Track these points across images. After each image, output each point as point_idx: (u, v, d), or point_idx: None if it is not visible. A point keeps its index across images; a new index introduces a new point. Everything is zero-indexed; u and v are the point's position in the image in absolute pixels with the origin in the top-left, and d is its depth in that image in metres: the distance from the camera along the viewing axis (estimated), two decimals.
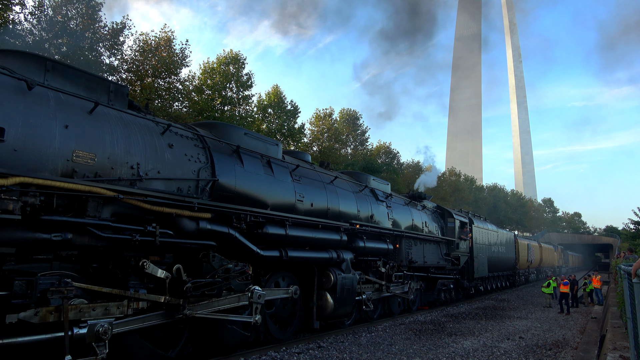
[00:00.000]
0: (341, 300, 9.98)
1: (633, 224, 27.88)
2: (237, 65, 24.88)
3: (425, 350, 9.12)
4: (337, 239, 10.16)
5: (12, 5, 15.76)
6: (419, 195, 18.19)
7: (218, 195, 7.42)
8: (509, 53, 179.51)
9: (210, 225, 6.96)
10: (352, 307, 10.61)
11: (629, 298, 5.61)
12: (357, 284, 10.75)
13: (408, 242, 14.51)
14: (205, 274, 6.83)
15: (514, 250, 29.61)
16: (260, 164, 8.61)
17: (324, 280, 9.87)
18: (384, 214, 13.36)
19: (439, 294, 17.21)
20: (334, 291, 9.79)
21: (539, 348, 9.91)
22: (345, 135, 34.64)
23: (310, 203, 9.74)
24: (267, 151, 9.15)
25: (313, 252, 9.50)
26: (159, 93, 20.97)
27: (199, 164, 7.25)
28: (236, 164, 7.99)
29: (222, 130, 8.50)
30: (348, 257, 10.47)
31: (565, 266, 55.61)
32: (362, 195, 12.43)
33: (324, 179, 10.86)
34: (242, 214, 7.60)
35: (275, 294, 8.63)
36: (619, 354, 6.50)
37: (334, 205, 10.66)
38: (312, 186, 10.05)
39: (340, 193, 11.22)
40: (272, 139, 9.98)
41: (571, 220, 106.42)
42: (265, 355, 8.05)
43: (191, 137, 7.44)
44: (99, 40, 18.70)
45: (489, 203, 63.16)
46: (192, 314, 6.46)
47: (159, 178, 6.48)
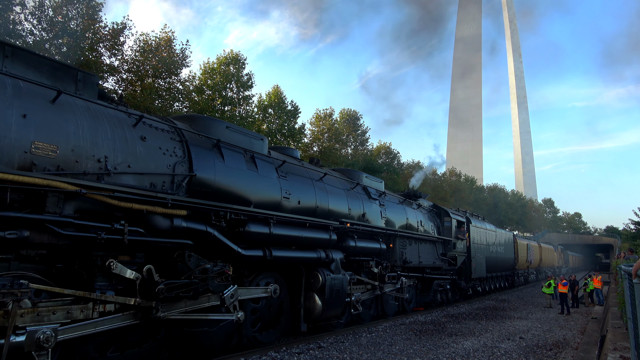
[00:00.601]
0: (330, 301, 9.59)
1: (633, 224, 27.91)
2: (237, 65, 24.89)
3: (426, 351, 9.12)
4: (325, 238, 9.77)
5: (13, 6, 15.77)
6: (414, 193, 17.70)
7: (196, 192, 7.06)
8: (509, 53, 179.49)
9: (186, 223, 6.61)
10: (342, 308, 10.23)
11: (630, 298, 5.60)
12: (347, 285, 10.34)
13: (402, 241, 14.11)
14: (180, 274, 6.46)
15: (512, 250, 29.24)
16: (243, 159, 8.23)
17: (312, 281, 9.46)
18: (377, 213, 12.97)
19: (435, 294, 16.83)
20: (323, 292, 9.40)
21: (540, 348, 9.90)
22: (345, 136, 34.62)
23: (298, 200, 9.36)
24: (251, 146, 8.75)
25: (300, 252, 9.10)
26: (159, 93, 20.95)
27: (175, 158, 6.86)
28: (216, 158, 7.60)
29: (202, 124, 8.12)
30: (338, 257, 10.10)
31: (565, 266, 55.57)
32: (353, 193, 12.00)
33: (312, 176, 10.44)
34: (221, 211, 7.21)
35: (253, 292, 8.14)
36: (620, 355, 6.49)
37: (323, 203, 10.26)
38: (299, 183, 9.66)
39: (330, 190, 10.80)
40: (258, 133, 9.66)
41: (571, 221, 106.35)
42: (265, 356, 8.06)
43: (167, 130, 7.04)
44: (99, 41, 18.69)
45: (489, 203, 63.13)
46: (166, 316, 6.08)
47: (130, 172, 6.09)
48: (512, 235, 30.66)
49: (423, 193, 19.07)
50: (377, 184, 14.16)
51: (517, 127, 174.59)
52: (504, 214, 65.95)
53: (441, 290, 17.46)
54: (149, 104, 19.11)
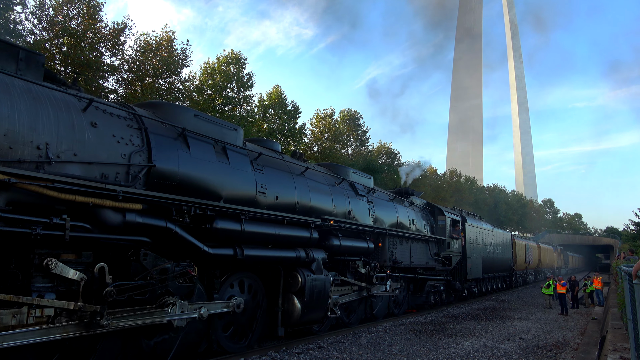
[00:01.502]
0: (310, 304, 9.01)
1: (634, 225, 27.89)
2: (237, 65, 24.91)
3: (426, 351, 9.13)
4: (306, 236, 9.20)
5: (14, 5, 15.79)
6: (405, 190, 16.92)
7: (156, 184, 6.49)
8: (509, 53, 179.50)
9: (142, 218, 6.01)
10: (324, 312, 9.63)
11: (630, 299, 5.59)
12: (330, 286, 9.74)
13: (392, 240, 13.44)
14: (134, 275, 5.87)
15: (510, 250, 28.65)
16: (212, 150, 7.62)
17: (290, 282, 8.89)
18: (364, 210, 12.29)
19: (428, 296, 16.22)
20: (302, 294, 8.82)
21: (539, 349, 9.91)
22: (345, 136, 34.60)
23: (275, 196, 8.73)
24: (223, 136, 8.13)
25: (277, 251, 8.50)
26: (159, 93, 20.95)
27: (132, 147, 6.27)
28: (181, 148, 7.00)
29: (167, 111, 7.53)
30: (319, 257, 9.49)
31: (565, 267, 55.54)
32: (338, 189, 11.36)
33: (293, 170, 9.79)
34: (184, 206, 6.62)
35: (211, 308, 7.20)
36: (620, 355, 6.49)
37: (304, 199, 9.62)
38: (277, 177, 9.02)
39: (313, 186, 10.15)
40: (231, 123, 9.10)
41: (572, 221, 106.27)
42: (265, 356, 8.04)
43: (124, 117, 6.43)
44: (100, 40, 18.69)
45: (489, 204, 63.11)
46: (110, 325, 5.40)
47: (76, 161, 5.47)
48: (510, 235, 30.11)
49: (416, 191, 18.52)
50: (366, 180, 13.44)
51: (517, 128, 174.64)
52: (504, 215, 65.95)
53: (434, 291, 16.85)
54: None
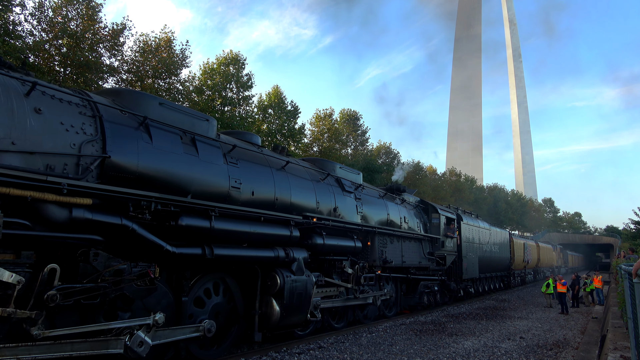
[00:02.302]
0: (290, 307, 8.45)
1: (634, 223, 27.90)
2: (237, 65, 24.93)
3: (426, 351, 9.12)
4: (285, 234, 8.65)
5: (13, 7, 15.78)
6: (397, 187, 16.18)
7: (111, 177, 6.00)
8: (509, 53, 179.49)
9: (92, 214, 5.48)
10: (305, 315, 9.05)
11: (630, 298, 5.57)
12: (312, 288, 9.15)
13: (382, 239, 12.85)
14: (83, 277, 5.37)
15: (508, 249, 28.17)
16: (179, 141, 7.14)
17: (269, 283, 8.32)
18: (352, 207, 11.72)
19: (422, 297, 15.58)
20: (281, 296, 8.28)
21: (540, 348, 9.90)
22: (345, 136, 34.61)
23: (251, 191, 8.22)
24: (193, 127, 7.62)
25: (252, 250, 7.93)
26: (159, 94, 20.95)
27: (83, 136, 5.75)
28: (142, 139, 6.50)
29: (129, 99, 7.03)
30: (301, 257, 8.92)
31: (564, 266, 55.49)
32: (323, 185, 10.78)
33: (272, 164, 9.28)
34: (143, 201, 6.06)
35: (177, 334, 6.52)
36: (620, 354, 6.49)
37: (284, 195, 9.11)
38: (254, 171, 8.51)
39: (294, 181, 9.64)
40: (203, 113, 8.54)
41: (572, 220, 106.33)
42: (265, 356, 8.03)
43: (76, 103, 5.91)
44: (99, 41, 18.71)
45: (489, 203, 63.18)
46: (41, 335, 4.80)
47: (14, 151, 5.01)
48: (507, 233, 29.58)
49: (410, 188, 17.92)
50: (353, 175, 12.84)
51: (517, 127, 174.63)
52: (504, 214, 66.04)
53: (428, 292, 16.23)
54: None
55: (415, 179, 43.49)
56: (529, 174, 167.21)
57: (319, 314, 9.81)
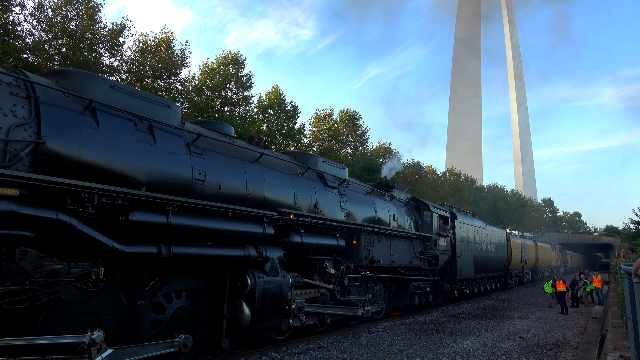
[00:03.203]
0: (263, 310, 7.75)
1: (633, 223, 27.90)
2: (236, 65, 24.91)
3: (426, 351, 9.12)
4: (257, 232, 7.93)
5: (12, 7, 15.78)
6: (386, 183, 15.43)
7: (47, 165, 5.40)
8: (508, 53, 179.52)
9: (20, 207, 4.86)
10: (280, 319, 8.38)
11: (629, 298, 5.59)
12: (288, 290, 8.53)
13: (369, 237, 12.17)
14: (7, 278, 4.84)
15: (505, 249, 27.54)
16: (133, 128, 6.50)
17: (238, 285, 7.66)
18: (335, 203, 11.01)
19: (412, 298, 14.83)
20: (252, 299, 7.58)
21: (540, 348, 9.90)
22: (345, 136, 34.60)
23: (218, 184, 7.57)
24: (152, 114, 6.98)
25: (218, 249, 7.23)
26: (159, 94, 20.97)
27: (13, 119, 5.19)
28: (86, 124, 5.86)
29: (75, 80, 6.39)
30: (275, 256, 8.23)
31: (563, 266, 55.42)
32: (303, 180, 10.08)
33: (244, 156, 8.54)
34: (84, 193, 5.38)
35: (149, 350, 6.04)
36: (620, 354, 6.49)
37: (257, 190, 8.42)
38: (222, 163, 7.86)
39: (269, 175, 8.93)
40: (164, 99, 7.89)
41: (571, 220, 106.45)
42: (265, 356, 8.04)
43: (7, 82, 5.39)
44: (98, 41, 18.71)
45: (489, 203, 63.29)
46: None
47: None
48: (505, 233, 28.83)
49: (401, 185, 17.36)
50: (337, 170, 12.05)
51: (516, 127, 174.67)
52: (504, 214, 66.15)
53: (420, 293, 15.48)
54: None
55: (415, 178, 43.51)
56: (528, 174, 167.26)
57: (303, 316, 9.33)
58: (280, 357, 8.03)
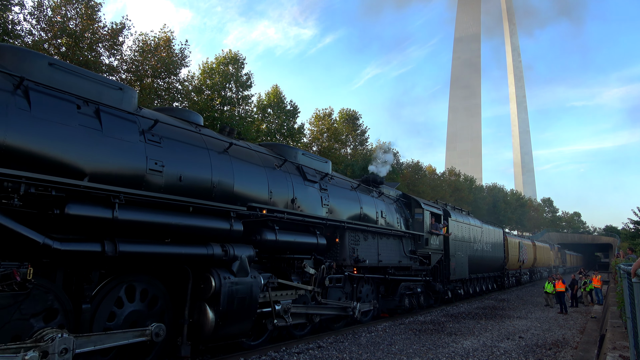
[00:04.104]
0: (229, 314, 7.08)
1: (633, 223, 27.89)
2: (236, 65, 24.90)
3: (425, 350, 9.12)
4: (224, 228, 7.27)
5: (12, 6, 15.77)
6: (373, 179, 14.61)
7: None
8: (508, 53, 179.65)
9: None
10: (250, 323, 7.63)
11: (629, 298, 5.59)
12: (260, 291, 7.84)
13: (354, 235, 11.45)
14: None
15: (502, 248, 26.82)
16: (74, 111, 5.85)
17: (202, 286, 7.01)
18: (316, 199, 10.32)
19: (402, 299, 14.05)
20: (216, 302, 6.91)
21: (539, 348, 9.90)
22: (344, 135, 34.59)
23: (178, 176, 6.90)
24: (100, 96, 6.31)
25: (176, 247, 6.57)
26: (158, 93, 20.96)
27: None
28: (15, 105, 5.24)
29: (5, 56, 5.79)
30: (244, 254, 7.55)
31: (562, 266, 55.35)
32: (279, 173, 9.37)
33: (211, 146, 7.85)
34: (7, 182, 4.80)
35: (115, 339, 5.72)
36: (619, 354, 6.49)
37: (225, 182, 7.75)
38: (184, 152, 7.21)
39: (239, 166, 8.23)
40: (117, 81, 7.27)
41: (571, 220, 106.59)
42: (265, 355, 8.02)
43: None
44: (98, 41, 18.70)
45: (488, 203, 63.38)
46: None
47: None
48: (501, 232, 27.99)
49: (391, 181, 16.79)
50: (319, 163, 11.29)
51: (516, 127, 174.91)
52: (503, 214, 66.27)
53: (410, 293, 14.69)
54: (148, 104, 19.12)
55: (415, 178, 43.55)
56: (528, 174, 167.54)
57: (289, 318, 8.80)
58: (280, 357, 8.03)
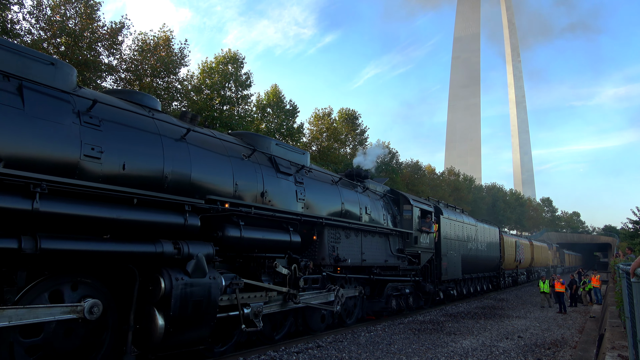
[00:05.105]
0: (183, 319, 6.26)
1: (632, 223, 27.90)
2: (235, 64, 24.88)
3: (424, 350, 9.12)
4: (177, 223, 6.55)
5: (11, 5, 15.76)
6: (357, 173, 13.68)
7: None
8: (507, 53, 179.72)
9: None
10: (209, 329, 6.81)
11: (628, 297, 5.59)
12: (221, 293, 7.05)
13: (334, 232, 10.69)
14: None
15: (498, 248, 26.10)
16: None
17: (150, 288, 6.21)
18: (290, 193, 9.55)
19: (389, 300, 13.19)
20: (167, 306, 6.08)
21: (538, 347, 9.91)
22: (344, 135, 34.59)
23: (121, 164, 6.14)
24: (25, 71, 5.53)
25: (117, 244, 5.81)
26: (157, 93, 20.93)
27: None
28: None
29: None
30: (202, 253, 6.75)
31: (560, 266, 55.30)
32: (247, 164, 8.58)
33: (165, 132, 7.05)
34: None
35: (38, 314, 5.03)
36: (618, 353, 6.49)
37: (179, 172, 6.99)
38: (129, 138, 6.42)
39: (198, 155, 7.46)
40: (47, 55, 6.49)
41: (570, 220, 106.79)
42: (264, 355, 8.01)
43: None
44: (97, 40, 18.67)
45: (487, 203, 63.48)
46: None
47: None
48: (497, 230, 27.08)
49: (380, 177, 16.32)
50: (295, 155, 10.47)
51: (515, 127, 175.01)
52: (503, 213, 66.39)
53: (398, 295, 13.80)
54: None
55: (414, 178, 43.57)
56: (527, 173, 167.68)
57: (260, 322, 7.96)
58: (279, 357, 8.03)
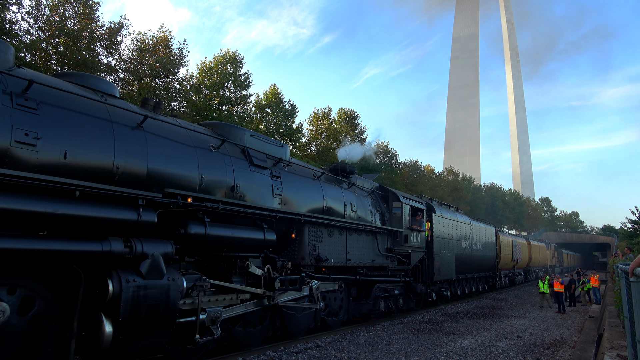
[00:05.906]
0: (135, 326, 5.64)
1: (631, 223, 27.94)
2: (234, 64, 24.88)
3: (424, 350, 9.12)
4: (129, 219, 5.91)
5: (9, 5, 15.74)
6: (342, 167, 12.95)
7: None
8: (506, 53, 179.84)
9: None
10: (167, 335, 6.11)
11: (627, 297, 5.60)
12: (182, 296, 6.37)
13: (315, 230, 10.11)
14: None
15: (494, 247, 25.54)
16: None
17: (97, 291, 5.55)
18: (264, 187, 8.87)
19: (377, 302, 12.59)
20: (115, 311, 5.44)
21: (537, 347, 9.91)
22: (343, 135, 34.63)
23: (62, 152, 5.52)
24: None
25: (55, 242, 5.16)
26: (156, 93, 20.92)
27: None
28: None
29: None
30: (158, 252, 6.08)
31: (559, 266, 55.26)
32: (216, 155, 7.93)
33: (117, 118, 6.38)
34: None
35: None
36: (617, 353, 6.50)
37: (133, 163, 6.35)
38: (72, 124, 5.77)
39: (157, 144, 6.81)
40: None
41: (569, 220, 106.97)
42: (263, 355, 8.01)
43: None
44: (96, 40, 18.65)
45: (486, 202, 63.54)
46: None
47: None
48: (493, 229, 26.44)
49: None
50: (272, 147, 9.75)
51: (514, 127, 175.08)
52: (502, 213, 66.48)
53: (386, 296, 13.24)
54: None
55: (413, 178, 43.61)
56: (526, 173, 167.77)
57: (218, 329, 7.15)
58: (279, 357, 8.02)
